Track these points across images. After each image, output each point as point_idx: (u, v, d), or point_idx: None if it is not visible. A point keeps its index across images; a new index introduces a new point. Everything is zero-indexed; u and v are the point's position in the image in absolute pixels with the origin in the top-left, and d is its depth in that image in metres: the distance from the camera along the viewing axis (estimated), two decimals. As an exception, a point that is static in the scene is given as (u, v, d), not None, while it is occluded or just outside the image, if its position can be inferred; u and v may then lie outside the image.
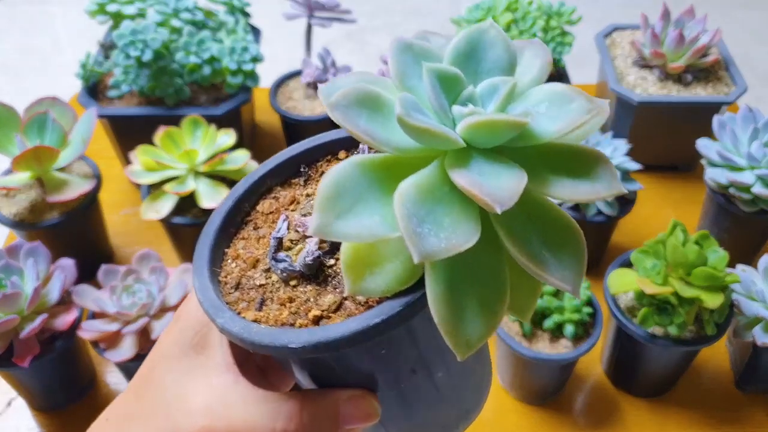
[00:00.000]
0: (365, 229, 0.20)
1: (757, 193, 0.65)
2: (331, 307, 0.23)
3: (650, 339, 0.57)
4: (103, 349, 0.58)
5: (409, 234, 0.19)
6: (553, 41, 0.81)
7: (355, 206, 0.21)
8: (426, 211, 0.20)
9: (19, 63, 1.69)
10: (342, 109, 0.21)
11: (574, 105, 0.21)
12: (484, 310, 0.21)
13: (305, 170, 0.29)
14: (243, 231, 0.28)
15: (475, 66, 0.22)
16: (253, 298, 0.25)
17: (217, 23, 0.85)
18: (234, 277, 0.26)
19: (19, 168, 0.65)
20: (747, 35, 1.76)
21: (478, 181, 0.19)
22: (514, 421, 0.63)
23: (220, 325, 0.24)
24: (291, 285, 0.25)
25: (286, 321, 0.24)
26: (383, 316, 0.21)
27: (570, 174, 0.21)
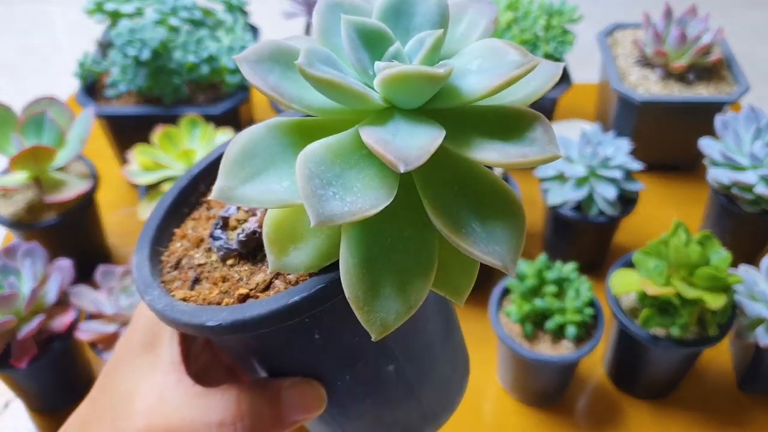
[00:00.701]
0: (270, 194, 0.19)
1: (760, 193, 0.64)
2: (259, 286, 0.22)
3: (652, 340, 0.57)
4: (100, 350, 0.57)
5: (307, 194, 0.17)
6: (554, 40, 0.81)
7: (265, 170, 0.19)
8: (334, 174, 0.18)
9: (17, 62, 1.69)
10: (251, 63, 0.19)
11: (507, 59, 0.19)
12: (404, 287, 0.19)
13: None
14: (196, 212, 0.27)
15: (406, 22, 0.21)
16: (188, 277, 0.24)
17: (215, 22, 0.84)
18: (176, 256, 0.25)
19: (16, 168, 0.64)
20: (749, 34, 1.76)
21: (385, 139, 0.18)
22: (514, 423, 0.63)
23: (147, 302, 0.23)
24: (228, 264, 0.24)
25: (214, 300, 0.23)
26: (303, 293, 0.20)
27: (501, 136, 0.18)
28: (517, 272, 0.60)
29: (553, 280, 0.59)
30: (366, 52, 0.20)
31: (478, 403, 0.65)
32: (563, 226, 0.71)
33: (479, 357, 0.68)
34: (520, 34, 0.79)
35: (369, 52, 0.20)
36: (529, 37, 0.79)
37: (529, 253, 0.78)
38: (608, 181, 0.67)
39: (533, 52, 0.80)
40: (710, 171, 0.68)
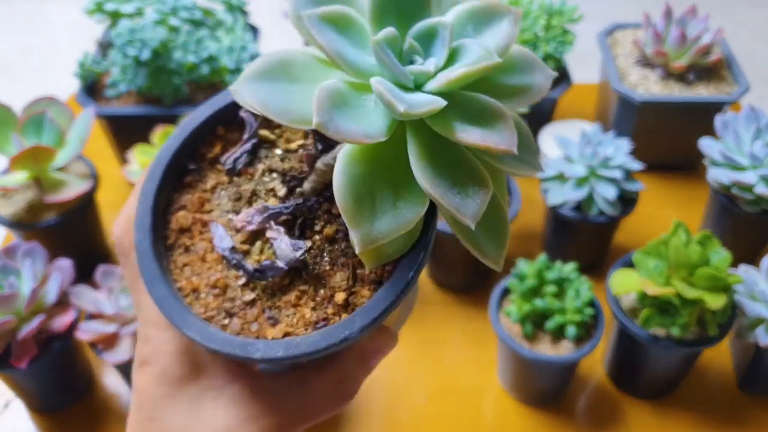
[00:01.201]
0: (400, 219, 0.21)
1: (760, 193, 0.64)
2: (348, 284, 0.23)
3: (652, 340, 0.57)
4: (100, 351, 0.57)
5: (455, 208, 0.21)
6: (554, 40, 0.81)
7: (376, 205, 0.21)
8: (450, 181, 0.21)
9: (17, 62, 1.69)
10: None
11: (498, 24, 0.22)
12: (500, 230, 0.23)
13: (193, 165, 0.26)
14: (176, 258, 0.25)
15: (395, 12, 0.22)
16: (257, 316, 0.24)
17: (215, 22, 0.84)
18: (215, 307, 0.24)
19: (16, 168, 0.64)
20: (750, 34, 1.76)
21: (482, 135, 0.20)
22: (514, 423, 0.63)
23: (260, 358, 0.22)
24: (285, 284, 0.24)
25: (316, 318, 0.23)
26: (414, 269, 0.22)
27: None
28: (517, 272, 0.60)
29: (553, 280, 0.59)
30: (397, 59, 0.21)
31: (479, 403, 0.65)
32: (563, 226, 0.71)
33: (479, 357, 0.68)
34: (520, 34, 0.79)
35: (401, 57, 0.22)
36: (529, 37, 0.79)
37: (529, 253, 0.78)
38: (608, 181, 0.67)
39: (533, 52, 0.80)
40: (710, 171, 0.68)
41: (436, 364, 0.68)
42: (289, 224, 0.24)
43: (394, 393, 0.65)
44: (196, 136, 0.26)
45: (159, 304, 0.23)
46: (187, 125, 0.26)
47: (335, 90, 0.21)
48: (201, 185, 0.26)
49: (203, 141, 0.27)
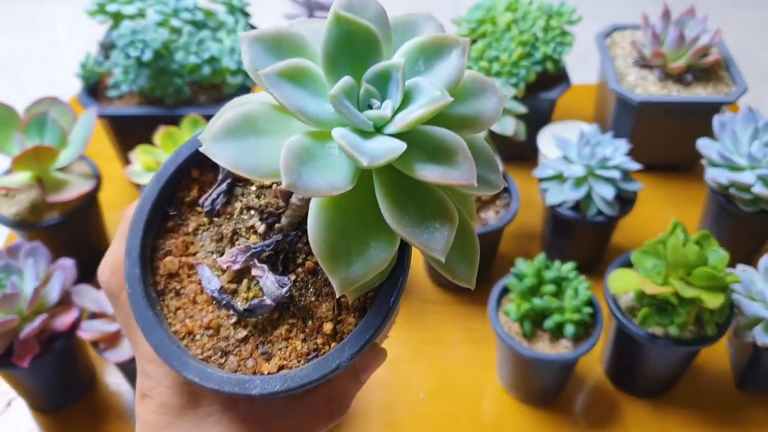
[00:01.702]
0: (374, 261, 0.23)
1: (758, 193, 0.65)
2: (334, 313, 0.25)
3: (651, 339, 0.57)
4: (102, 350, 0.58)
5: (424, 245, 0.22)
6: (553, 41, 0.81)
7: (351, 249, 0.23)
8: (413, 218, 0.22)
9: (19, 63, 1.69)
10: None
11: (448, 58, 0.22)
12: (470, 251, 0.24)
13: (173, 211, 0.27)
14: (168, 303, 0.26)
15: (349, 60, 0.23)
16: (251, 352, 0.25)
17: (216, 23, 0.85)
18: (213, 347, 0.25)
19: (19, 168, 0.65)
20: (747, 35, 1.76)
21: (443, 172, 0.21)
22: (513, 422, 0.63)
23: (258, 393, 0.23)
24: (275, 319, 0.25)
25: (307, 349, 0.24)
26: (395, 294, 0.24)
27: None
28: (516, 271, 0.60)
29: (552, 280, 0.59)
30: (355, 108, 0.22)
31: (478, 402, 0.65)
32: (562, 226, 0.72)
33: (478, 356, 0.68)
34: (519, 35, 0.80)
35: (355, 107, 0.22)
36: (528, 38, 0.80)
37: (527, 253, 0.78)
38: (606, 181, 0.67)
39: (532, 53, 0.80)
40: (708, 171, 0.69)
41: (436, 362, 0.68)
42: (272, 260, 0.25)
43: (393, 391, 0.65)
44: (173, 182, 0.27)
45: (157, 351, 0.24)
46: (162, 173, 0.27)
47: (300, 146, 0.21)
48: (183, 229, 0.27)
49: (179, 185, 0.27)
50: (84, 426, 0.64)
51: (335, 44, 0.22)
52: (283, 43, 0.23)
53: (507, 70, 0.78)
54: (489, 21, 0.83)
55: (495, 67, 0.79)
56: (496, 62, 0.79)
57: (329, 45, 0.22)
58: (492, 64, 0.79)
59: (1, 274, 0.57)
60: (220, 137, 0.22)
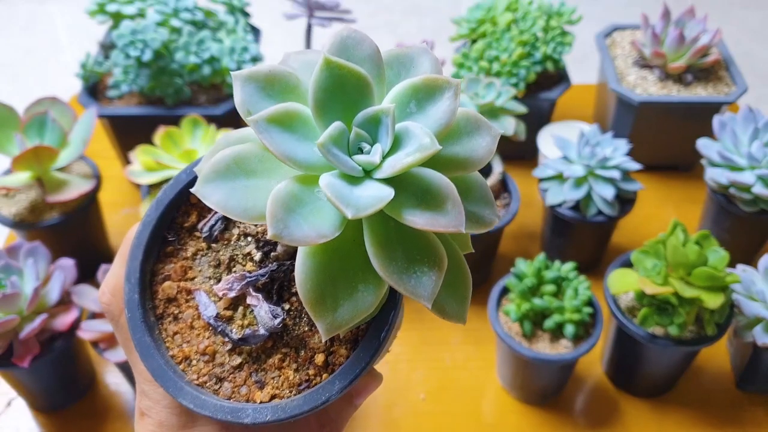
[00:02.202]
0: (360, 306, 0.23)
1: (758, 193, 0.65)
2: (327, 344, 0.25)
3: (651, 339, 0.57)
4: (102, 350, 0.58)
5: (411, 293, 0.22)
6: (553, 41, 0.81)
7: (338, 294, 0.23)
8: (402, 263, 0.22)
9: (19, 63, 1.69)
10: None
11: (441, 101, 0.22)
12: (462, 289, 0.24)
13: (173, 237, 0.28)
14: (165, 327, 0.27)
15: (339, 104, 0.23)
16: (245, 379, 0.25)
17: (216, 23, 0.85)
18: (206, 373, 0.26)
19: (18, 168, 0.65)
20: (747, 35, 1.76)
21: (431, 219, 0.21)
22: (514, 422, 0.63)
23: (251, 423, 0.24)
24: (269, 347, 0.25)
25: (299, 380, 0.25)
26: (387, 328, 0.24)
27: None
28: (516, 271, 0.61)
29: (552, 280, 0.59)
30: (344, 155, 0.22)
31: (478, 402, 0.65)
32: (562, 226, 0.72)
33: (478, 355, 0.68)
34: (519, 35, 0.80)
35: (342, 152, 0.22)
36: (528, 38, 0.80)
37: (527, 253, 0.78)
38: (606, 181, 0.67)
39: (532, 53, 0.80)
40: (708, 171, 0.69)
41: (436, 362, 0.68)
42: (268, 287, 0.26)
43: (394, 391, 0.65)
44: (172, 207, 0.28)
45: (154, 376, 0.25)
46: (161, 199, 0.27)
47: (287, 194, 0.21)
48: (182, 253, 0.27)
49: (179, 211, 0.28)
50: (84, 426, 0.64)
51: (325, 90, 0.22)
52: (275, 82, 0.23)
53: (507, 70, 0.78)
54: (489, 21, 0.83)
55: (495, 67, 0.79)
56: (496, 62, 0.79)
57: (319, 91, 0.22)
58: (492, 64, 0.79)
59: (1, 274, 0.57)
60: (210, 178, 0.22)
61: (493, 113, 0.68)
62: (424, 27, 1.86)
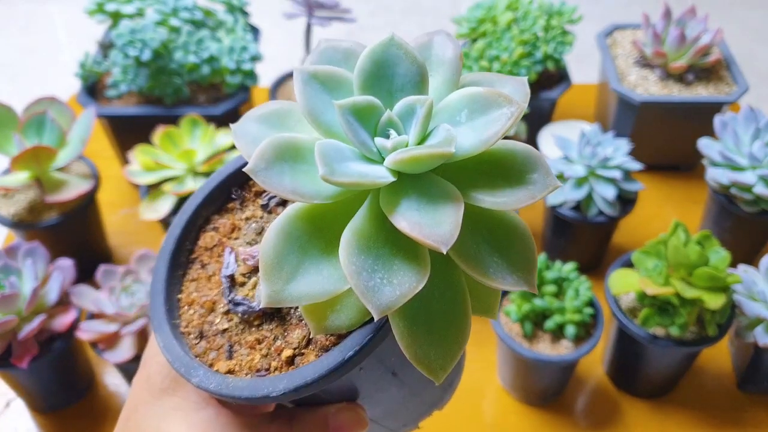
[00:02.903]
0: (317, 286, 0.20)
1: (759, 193, 0.65)
2: (301, 344, 0.23)
3: (652, 340, 0.57)
4: (101, 350, 0.57)
5: (362, 291, 0.19)
6: (553, 40, 0.81)
7: (301, 265, 0.20)
8: (373, 260, 0.19)
9: (18, 62, 1.69)
10: (263, 173, 0.19)
11: (494, 114, 0.20)
12: (448, 337, 0.21)
13: (238, 193, 0.28)
14: (191, 271, 0.27)
15: (387, 85, 0.21)
16: (220, 345, 0.25)
17: (216, 22, 0.85)
18: (195, 325, 0.25)
19: (17, 168, 0.64)
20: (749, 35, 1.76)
21: (418, 222, 0.18)
22: (514, 422, 0.63)
23: (196, 384, 0.23)
24: (255, 324, 0.24)
25: (260, 366, 0.23)
26: (356, 347, 0.21)
27: (505, 182, 0.20)
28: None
29: (553, 280, 0.59)
30: (364, 129, 0.20)
31: (479, 403, 0.65)
32: (562, 226, 0.71)
33: (479, 356, 0.68)
34: (520, 34, 0.80)
35: (365, 127, 0.20)
36: (528, 37, 0.79)
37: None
38: (607, 181, 0.67)
39: (533, 53, 0.80)
40: (709, 171, 0.68)
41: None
42: None
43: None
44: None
45: (152, 307, 0.26)
46: (241, 158, 0.27)
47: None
48: (238, 213, 0.27)
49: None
50: (83, 427, 0.63)
51: (376, 62, 0.21)
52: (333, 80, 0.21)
53: (507, 69, 0.78)
54: (489, 20, 0.83)
55: (495, 66, 0.79)
56: (497, 61, 0.79)
57: (370, 61, 0.21)
58: (492, 64, 0.79)
59: (0, 275, 0.57)
60: (271, 162, 0.20)
61: (494, 113, 0.68)
62: (424, 26, 1.86)
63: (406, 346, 0.20)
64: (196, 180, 0.67)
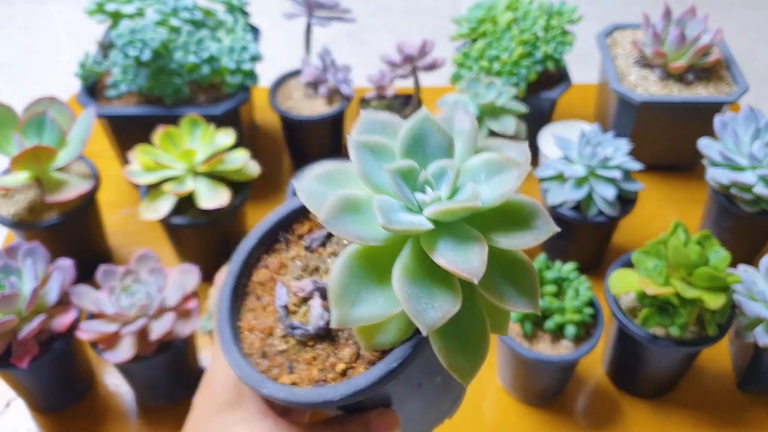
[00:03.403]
0: (374, 311, 0.26)
1: (759, 193, 0.65)
2: (351, 359, 0.29)
3: (652, 340, 0.57)
4: (101, 350, 0.57)
5: (413, 313, 0.24)
6: (553, 40, 0.81)
7: (361, 294, 0.26)
8: (419, 289, 0.25)
9: (18, 62, 1.69)
10: (333, 222, 0.25)
11: (506, 175, 0.26)
12: (475, 350, 0.27)
13: (284, 236, 0.33)
14: (247, 302, 0.32)
15: (423, 151, 0.27)
16: (281, 363, 0.30)
17: (216, 22, 0.85)
18: (257, 347, 0.30)
19: (17, 168, 0.64)
20: (749, 34, 1.76)
21: (455, 260, 0.24)
22: (514, 422, 0.63)
23: (267, 394, 0.28)
24: (309, 345, 0.30)
25: (319, 378, 0.28)
26: (399, 360, 0.27)
27: (516, 227, 0.26)
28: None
29: (553, 280, 0.59)
30: (407, 187, 0.27)
31: (479, 403, 0.65)
32: (563, 226, 0.71)
33: (479, 356, 0.68)
34: (520, 34, 0.80)
35: (408, 185, 0.27)
36: (528, 37, 0.79)
37: (528, 253, 0.78)
38: (607, 181, 0.67)
39: (533, 53, 0.80)
40: (709, 171, 0.69)
41: (436, 363, 0.68)
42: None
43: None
44: (292, 216, 0.34)
45: (220, 333, 0.31)
46: (288, 205, 0.34)
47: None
48: (284, 253, 0.33)
49: (297, 220, 0.34)
50: (83, 427, 0.63)
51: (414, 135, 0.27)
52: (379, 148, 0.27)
53: (507, 69, 0.78)
54: (489, 20, 0.83)
55: (495, 66, 0.79)
56: (497, 61, 0.79)
57: (410, 134, 0.27)
58: (492, 64, 0.79)
59: (0, 275, 0.57)
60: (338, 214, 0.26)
61: (494, 113, 0.68)
62: (424, 26, 1.86)
63: (443, 357, 0.26)
64: (196, 180, 0.67)
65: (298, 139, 0.85)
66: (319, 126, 0.82)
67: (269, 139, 0.93)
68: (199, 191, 0.66)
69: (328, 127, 0.84)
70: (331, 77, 0.83)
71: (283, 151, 0.92)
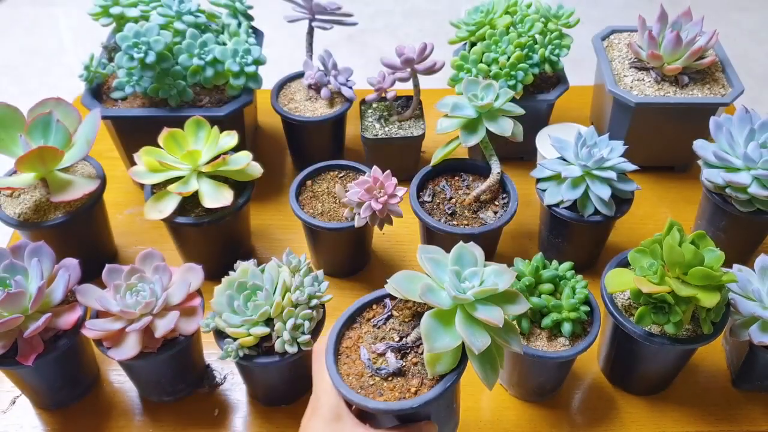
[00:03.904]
0: (444, 345, 0.44)
1: (754, 193, 0.66)
2: (418, 385, 0.45)
3: (647, 337, 0.58)
4: (106, 348, 0.58)
5: (469, 345, 0.43)
6: (551, 43, 0.82)
7: (437, 336, 0.44)
8: (471, 331, 0.43)
9: (23, 64, 1.70)
10: (424, 295, 0.44)
11: (506, 277, 0.45)
12: (494, 368, 0.45)
13: (358, 320, 0.50)
14: (341, 359, 0.48)
15: (462, 261, 0.47)
16: (373, 391, 0.45)
17: (219, 26, 0.86)
18: (355, 384, 0.46)
19: (23, 168, 0.65)
20: (744, 37, 1.77)
21: (487, 316, 0.43)
22: (511, 419, 0.64)
23: (373, 408, 0.44)
24: (388, 380, 0.46)
25: (399, 397, 0.45)
26: (449, 383, 0.44)
27: (510, 302, 0.46)
28: (515, 270, 0.61)
29: (549, 279, 0.60)
30: (457, 279, 0.45)
31: (476, 399, 0.66)
32: (559, 225, 0.72)
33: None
34: (518, 37, 0.81)
35: (458, 279, 0.45)
36: (526, 40, 0.80)
37: (525, 252, 0.79)
38: (603, 182, 0.68)
39: (530, 56, 0.81)
40: (704, 172, 0.69)
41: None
42: (397, 352, 0.47)
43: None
44: (362, 308, 0.50)
45: (333, 380, 0.46)
46: (359, 301, 0.50)
47: (429, 284, 0.45)
48: (359, 330, 0.49)
49: (366, 309, 0.51)
50: (88, 424, 0.64)
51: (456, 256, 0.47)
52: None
53: (505, 72, 0.79)
54: (488, 24, 0.84)
55: (493, 69, 0.80)
56: (495, 64, 0.80)
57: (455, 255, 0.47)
58: (490, 66, 0.80)
59: (6, 274, 0.57)
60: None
61: (492, 115, 0.69)
62: (423, 30, 1.86)
63: (479, 371, 0.44)
64: (200, 180, 0.68)
65: (299, 141, 0.86)
66: (320, 127, 0.83)
67: (271, 140, 0.94)
68: (203, 191, 0.67)
69: (329, 129, 0.85)
70: (333, 79, 0.84)
71: (285, 152, 0.93)
